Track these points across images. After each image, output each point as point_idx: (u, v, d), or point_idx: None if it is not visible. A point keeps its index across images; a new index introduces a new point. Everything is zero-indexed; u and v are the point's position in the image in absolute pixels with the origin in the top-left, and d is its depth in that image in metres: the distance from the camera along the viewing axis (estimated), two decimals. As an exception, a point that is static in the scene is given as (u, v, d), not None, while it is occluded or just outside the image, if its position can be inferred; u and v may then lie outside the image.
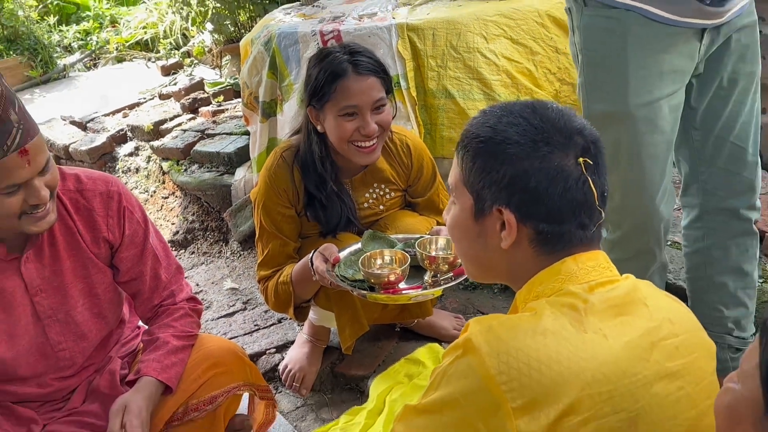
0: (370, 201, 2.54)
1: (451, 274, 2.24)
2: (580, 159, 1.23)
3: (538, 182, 1.22)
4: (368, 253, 2.28)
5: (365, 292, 2.19)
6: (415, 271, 2.29)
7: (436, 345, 2.60)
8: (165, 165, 4.16)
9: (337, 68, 2.28)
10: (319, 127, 2.37)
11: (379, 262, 2.26)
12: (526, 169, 1.23)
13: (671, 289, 2.45)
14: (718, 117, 2.05)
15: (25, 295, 1.96)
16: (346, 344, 2.50)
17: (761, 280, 2.52)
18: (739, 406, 1.02)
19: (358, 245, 2.37)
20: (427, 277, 2.27)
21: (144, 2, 6.49)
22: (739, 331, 2.17)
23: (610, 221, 2.07)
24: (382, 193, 2.55)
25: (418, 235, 2.36)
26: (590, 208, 1.25)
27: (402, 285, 2.22)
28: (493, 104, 1.42)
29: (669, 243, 2.83)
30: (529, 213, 1.24)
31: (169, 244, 3.01)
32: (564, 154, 1.23)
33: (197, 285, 3.46)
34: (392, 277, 2.19)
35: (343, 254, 2.31)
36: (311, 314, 2.59)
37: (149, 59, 5.88)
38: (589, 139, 1.27)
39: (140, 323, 2.32)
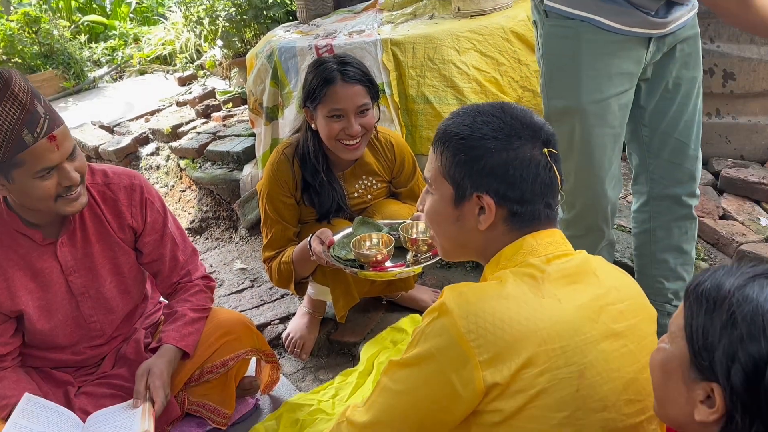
0: (360, 191, 2.55)
1: (430, 254, 2.24)
2: (545, 149, 1.26)
3: (515, 170, 1.23)
4: (358, 236, 2.30)
5: (356, 269, 2.21)
6: (399, 251, 2.28)
7: (417, 315, 2.58)
8: (182, 163, 4.13)
9: (328, 75, 2.28)
10: (313, 126, 2.38)
11: (367, 244, 2.28)
12: (504, 159, 1.24)
13: (618, 265, 2.31)
14: (664, 116, 2.06)
15: (61, 274, 1.96)
16: (340, 314, 2.51)
17: (698, 258, 2.53)
18: (670, 363, 1.03)
19: (350, 229, 2.38)
20: (409, 256, 2.27)
21: (162, 22, 6.43)
22: (677, 301, 2.18)
23: (566, 202, 2.08)
24: (369, 184, 2.56)
25: (401, 221, 2.36)
26: (555, 191, 1.27)
27: (388, 263, 2.23)
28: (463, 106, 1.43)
29: (616, 226, 2.81)
30: (506, 197, 1.24)
31: (186, 231, 2.96)
32: (533, 146, 1.25)
33: (210, 266, 3.40)
34: (379, 257, 2.21)
35: (337, 237, 2.32)
36: (309, 289, 2.59)
37: (167, 72, 5.82)
38: (549, 133, 1.30)
39: (161, 299, 2.33)
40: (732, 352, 0.94)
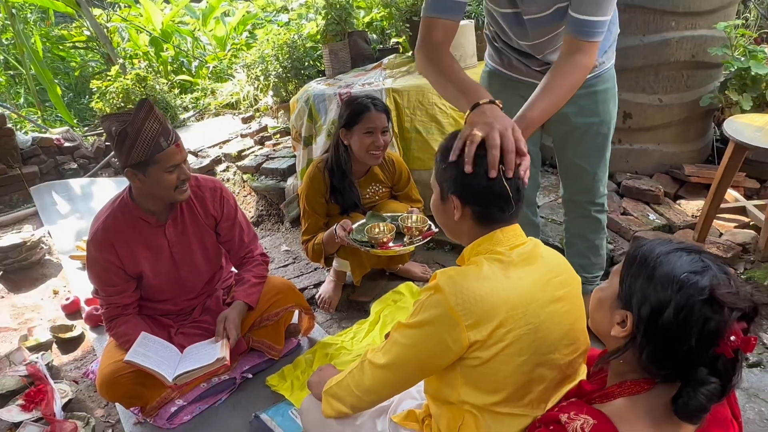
0: (370, 193, 2.55)
1: (420, 237, 2.25)
2: (499, 166, 1.18)
3: (471, 180, 1.19)
4: (370, 225, 2.31)
5: (368, 248, 2.23)
6: (398, 236, 2.30)
7: (411, 283, 2.59)
8: (245, 176, 4.14)
9: (365, 106, 2.31)
10: (346, 142, 2.37)
11: (376, 230, 2.27)
12: (460, 170, 1.19)
13: (551, 246, 2.46)
14: (566, 149, 1.94)
15: (167, 247, 1.99)
16: (356, 279, 2.53)
17: (611, 246, 2.52)
18: (604, 296, 1.05)
19: (364, 220, 2.39)
20: (405, 239, 2.28)
21: (231, 79, 6.42)
22: (585, 273, 2.09)
23: None
24: (377, 189, 2.57)
25: (399, 214, 2.37)
26: (506, 199, 1.19)
27: (390, 244, 2.24)
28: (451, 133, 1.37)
29: (550, 219, 2.84)
30: (466, 199, 1.21)
31: (249, 223, 3.02)
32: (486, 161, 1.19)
33: (265, 248, 3.33)
34: (384, 239, 2.23)
35: (354, 226, 2.33)
36: (334, 263, 2.59)
37: (234, 114, 5.78)
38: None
39: (233, 269, 2.32)
40: (646, 295, 0.95)
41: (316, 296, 2.67)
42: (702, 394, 0.89)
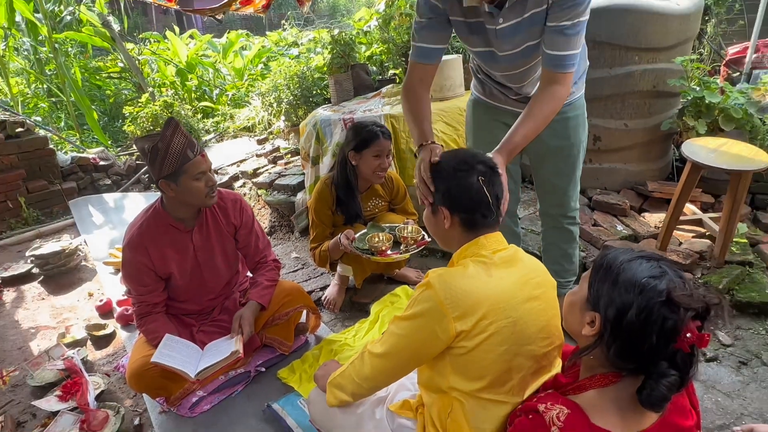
0: (370, 206, 2.55)
1: (415, 246, 2.24)
2: (480, 178, 1.22)
3: (457, 192, 1.23)
4: (370, 234, 2.30)
5: (369, 255, 2.22)
6: (395, 244, 2.30)
7: (407, 286, 2.59)
8: (259, 191, 4.13)
9: (374, 134, 2.30)
10: (354, 163, 2.36)
11: (376, 239, 2.27)
12: (449, 185, 1.24)
13: (530, 253, 2.45)
14: (541, 167, 1.92)
15: (193, 251, 1.99)
16: (358, 283, 2.53)
17: (583, 254, 2.50)
18: (575, 299, 1.05)
19: (365, 230, 2.38)
20: (402, 247, 2.27)
21: (247, 106, 6.42)
22: (559, 278, 2.06)
23: None
24: (377, 202, 2.56)
25: (397, 225, 2.37)
26: (487, 206, 1.22)
27: (388, 252, 2.23)
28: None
29: (530, 230, 2.83)
30: (454, 208, 1.23)
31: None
32: (470, 175, 1.22)
33: (277, 255, 3.26)
34: (383, 248, 2.23)
35: (357, 235, 2.32)
36: (338, 268, 2.59)
37: (250, 136, 5.77)
38: (488, 165, 1.25)
39: (248, 274, 2.32)
40: (611, 298, 0.96)
41: (322, 298, 2.66)
42: (663, 385, 0.89)
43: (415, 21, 1.63)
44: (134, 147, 5.79)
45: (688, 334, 0.89)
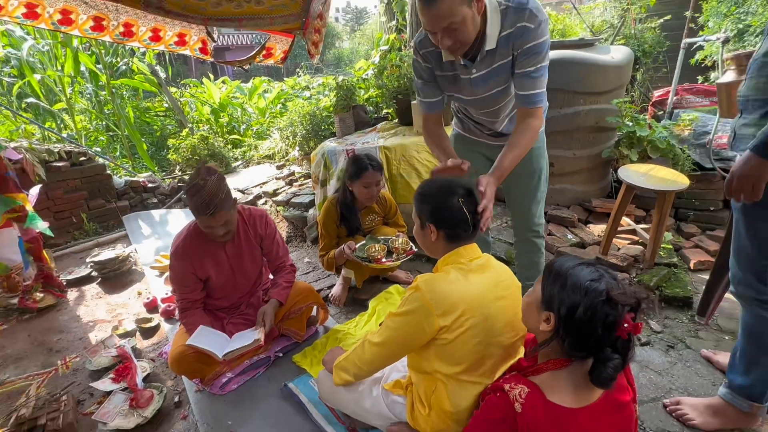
0: (368, 221, 2.52)
1: (405, 254, 2.23)
2: (459, 199, 1.21)
3: (440, 211, 1.21)
4: (368, 245, 2.29)
5: (367, 263, 2.21)
6: (389, 253, 2.29)
7: (398, 285, 2.52)
8: (278, 208, 4.11)
9: (365, 167, 2.28)
10: (351, 189, 2.36)
11: (373, 249, 2.26)
12: (433, 205, 1.23)
13: (498, 258, 2.36)
14: (510, 189, 1.87)
15: (226, 259, 1.97)
16: (359, 283, 2.49)
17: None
18: (531, 301, 1.05)
19: (364, 242, 2.36)
20: (394, 256, 2.26)
21: (268, 138, 6.43)
22: (527, 282, 1.92)
23: None
24: (374, 218, 2.53)
25: (390, 237, 2.36)
26: (465, 223, 1.20)
27: (383, 260, 2.23)
28: (423, 181, 1.39)
29: (497, 239, 2.81)
30: (440, 225, 1.22)
31: (281, 242, 2.98)
32: (451, 197, 1.20)
33: (293, 260, 3.26)
34: (379, 256, 2.23)
35: (357, 246, 2.31)
36: (342, 271, 2.54)
37: (271, 163, 5.77)
38: (467, 189, 1.23)
39: (270, 276, 2.28)
40: (562, 299, 0.96)
41: (329, 295, 2.63)
42: (609, 367, 0.90)
43: (415, 81, 1.68)
44: (177, 172, 5.77)
45: (626, 324, 0.89)
